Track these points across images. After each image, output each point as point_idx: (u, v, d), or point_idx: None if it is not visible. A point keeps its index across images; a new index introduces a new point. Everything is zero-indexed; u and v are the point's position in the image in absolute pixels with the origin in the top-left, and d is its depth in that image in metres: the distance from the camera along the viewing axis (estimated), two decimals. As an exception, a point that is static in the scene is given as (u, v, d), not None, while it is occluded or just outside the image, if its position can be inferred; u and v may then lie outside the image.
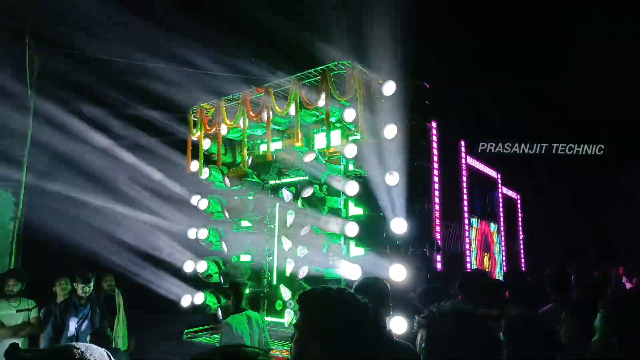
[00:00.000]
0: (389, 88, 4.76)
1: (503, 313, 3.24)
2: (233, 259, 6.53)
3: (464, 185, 7.79)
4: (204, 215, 6.31)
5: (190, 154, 6.45)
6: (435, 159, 6.36)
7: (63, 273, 5.73)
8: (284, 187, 5.81)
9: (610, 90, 12.93)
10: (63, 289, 5.56)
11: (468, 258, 7.52)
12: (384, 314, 2.89)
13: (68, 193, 7.16)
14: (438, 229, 6.30)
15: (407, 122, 5.05)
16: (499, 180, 9.96)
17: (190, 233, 6.25)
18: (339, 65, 5.07)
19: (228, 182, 6.05)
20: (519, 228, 11.35)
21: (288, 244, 5.65)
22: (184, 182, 6.72)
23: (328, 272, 5.05)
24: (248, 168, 6.11)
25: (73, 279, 5.52)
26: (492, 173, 9.75)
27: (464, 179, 7.83)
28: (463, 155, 7.99)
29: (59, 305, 5.41)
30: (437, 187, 6.28)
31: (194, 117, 6.47)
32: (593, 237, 14.70)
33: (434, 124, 6.39)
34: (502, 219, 9.81)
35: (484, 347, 1.58)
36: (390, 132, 4.70)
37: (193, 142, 6.47)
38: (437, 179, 6.28)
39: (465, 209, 7.70)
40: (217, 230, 6.19)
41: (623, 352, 1.95)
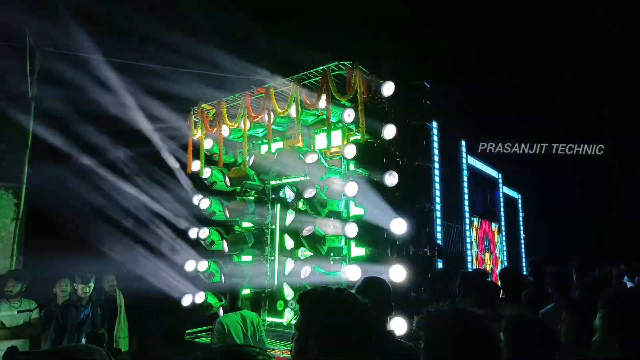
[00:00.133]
0: (389, 88, 4.76)
1: (502, 312, 3.24)
2: (234, 260, 6.53)
3: (465, 185, 7.80)
4: (206, 215, 6.31)
5: (191, 155, 6.46)
6: (436, 159, 6.36)
7: (63, 274, 5.73)
8: (287, 186, 5.81)
9: (611, 90, 12.93)
10: (63, 290, 5.56)
11: (469, 258, 7.52)
12: (386, 314, 2.89)
13: (68, 193, 7.17)
14: (439, 229, 6.30)
15: (407, 122, 5.05)
16: (500, 180, 9.96)
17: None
18: (340, 66, 5.07)
19: (228, 181, 6.05)
20: (520, 228, 11.35)
21: (290, 243, 5.66)
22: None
23: (328, 272, 5.06)
24: (249, 168, 6.11)
25: (73, 280, 5.54)
26: (493, 173, 9.75)
27: (465, 179, 7.83)
28: (464, 155, 8.00)
29: (60, 306, 5.41)
30: (437, 187, 6.27)
31: (195, 117, 6.48)
32: (593, 237, 14.68)
33: (435, 124, 6.39)
34: (503, 219, 9.81)
35: (483, 347, 1.58)
36: (390, 132, 4.70)
37: (194, 142, 6.48)
38: (437, 179, 6.28)
39: (466, 209, 7.71)
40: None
41: (623, 351, 1.94)
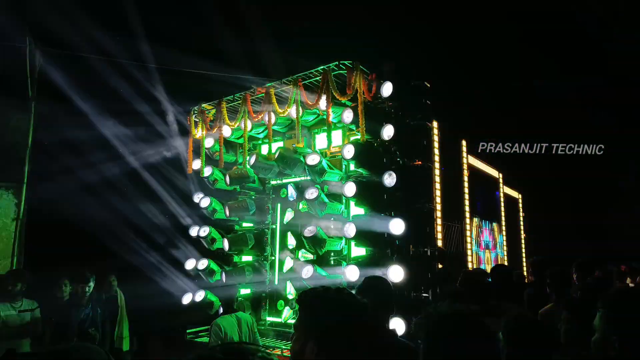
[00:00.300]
0: (387, 89, 4.77)
1: (499, 311, 3.25)
2: (235, 259, 6.53)
3: (466, 185, 7.79)
4: (206, 214, 6.31)
5: (192, 154, 6.46)
6: (436, 159, 6.36)
7: (63, 274, 5.73)
8: (290, 184, 5.81)
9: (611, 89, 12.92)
10: (63, 290, 5.56)
11: (469, 257, 7.52)
12: (387, 314, 2.89)
13: (69, 193, 7.17)
14: (439, 229, 6.30)
15: (407, 122, 5.04)
16: (501, 180, 9.96)
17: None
18: (340, 65, 5.06)
19: (229, 180, 6.04)
20: (521, 227, 11.35)
21: (292, 241, 5.68)
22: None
23: (330, 276, 5.08)
24: (249, 168, 6.11)
25: (73, 280, 5.54)
26: (493, 173, 9.75)
27: (466, 179, 7.82)
28: (464, 155, 7.99)
29: (60, 306, 5.41)
30: (438, 187, 6.27)
31: (195, 117, 6.48)
32: (593, 237, 14.66)
33: (435, 124, 6.38)
34: (503, 219, 9.81)
35: (482, 347, 1.58)
36: (390, 132, 4.71)
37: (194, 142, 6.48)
38: (438, 179, 6.28)
39: (467, 209, 7.70)
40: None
41: (622, 351, 1.94)
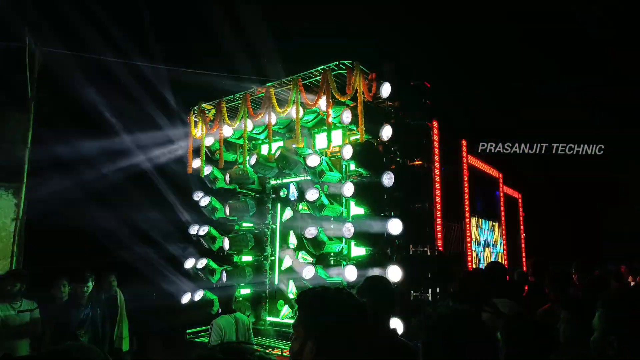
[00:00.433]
0: (387, 89, 4.77)
1: (496, 309, 3.25)
2: (235, 259, 6.53)
3: (466, 185, 7.78)
4: (206, 213, 6.32)
5: (192, 154, 6.46)
6: (436, 159, 6.34)
7: (62, 274, 5.73)
8: (292, 183, 5.81)
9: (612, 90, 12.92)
10: (62, 290, 5.56)
11: (470, 258, 7.51)
12: (387, 313, 2.89)
13: (69, 193, 7.18)
14: (439, 229, 6.29)
15: (407, 122, 5.05)
16: (501, 180, 9.94)
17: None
18: (340, 65, 5.06)
19: (228, 179, 6.05)
20: (521, 227, 11.34)
21: (294, 240, 5.70)
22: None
23: (330, 278, 5.10)
24: (249, 168, 6.11)
25: (72, 280, 5.54)
26: (493, 172, 9.73)
27: (466, 179, 7.81)
28: (464, 155, 7.97)
29: (60, 306, 5.41)
30: (438, 187, 6.26)
31: (195, 117, 6.48)
32: (593, 236, 14.68)
33: (435, 124, 6.37)
34: (503, 219, 9.79)
35: (481, 347, 1.58)
36: (389, 132, 4.71)
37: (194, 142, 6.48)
38: (438, 179, 6.27)
39: (467, 209, 7.69)
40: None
41: (622, 351, 1.94)
